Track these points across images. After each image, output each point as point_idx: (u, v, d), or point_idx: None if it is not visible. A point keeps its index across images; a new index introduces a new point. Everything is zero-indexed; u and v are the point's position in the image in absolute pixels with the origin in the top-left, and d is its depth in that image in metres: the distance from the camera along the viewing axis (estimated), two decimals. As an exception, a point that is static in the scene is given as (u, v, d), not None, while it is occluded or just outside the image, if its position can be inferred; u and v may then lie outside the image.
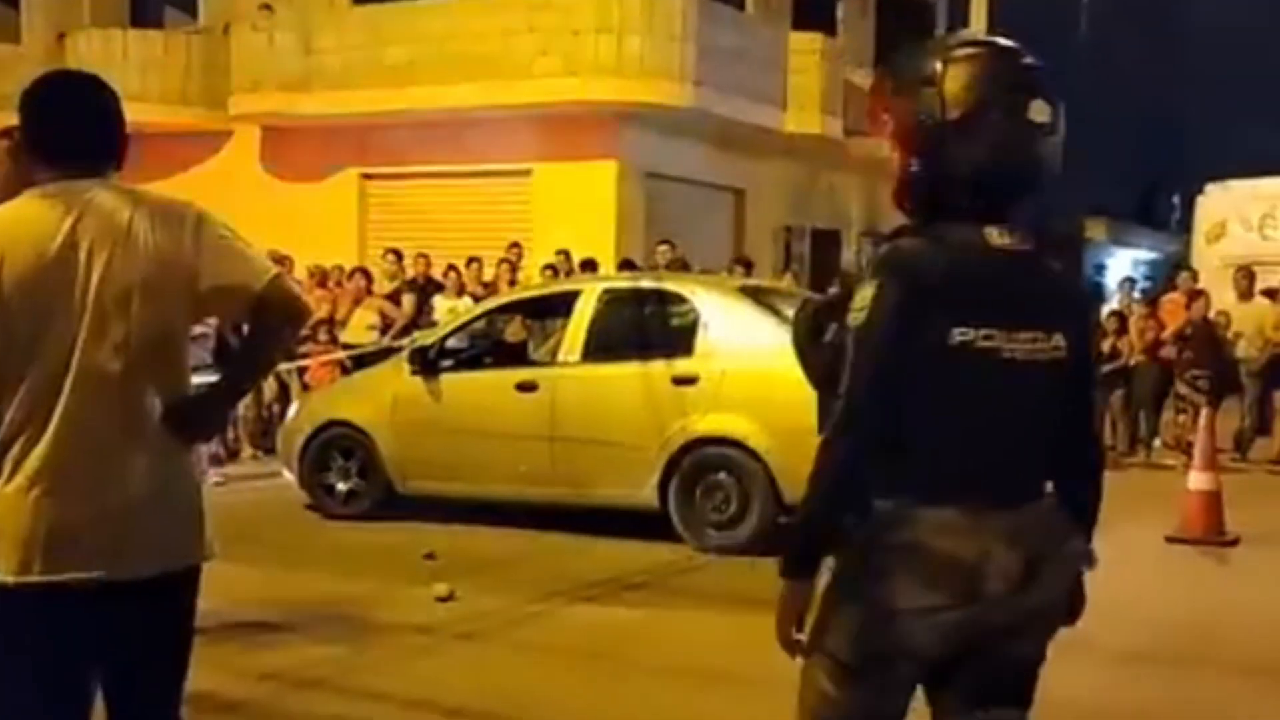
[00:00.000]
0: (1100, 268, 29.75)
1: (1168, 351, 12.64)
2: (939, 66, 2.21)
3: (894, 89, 2.27)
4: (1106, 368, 12.81)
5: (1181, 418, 12.18)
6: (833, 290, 2.34)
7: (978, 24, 15.68)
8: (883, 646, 2.18)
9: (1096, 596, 6.37)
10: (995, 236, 2.21)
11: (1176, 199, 32.22)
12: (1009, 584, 2.18)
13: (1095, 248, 30.28)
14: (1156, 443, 12.96)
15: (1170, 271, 16.27)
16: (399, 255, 12.75)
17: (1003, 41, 2.33)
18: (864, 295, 2.16)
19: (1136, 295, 14.04)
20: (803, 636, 2.26)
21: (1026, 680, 2.38)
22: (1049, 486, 2.34)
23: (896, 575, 2.17)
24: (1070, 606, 2.39)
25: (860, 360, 2.15)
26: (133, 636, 2.57)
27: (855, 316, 2.16)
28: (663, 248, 12.64)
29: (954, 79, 2.19)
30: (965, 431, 2.19)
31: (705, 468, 7.59)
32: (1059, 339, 2.25)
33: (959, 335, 2.15)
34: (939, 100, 2.19)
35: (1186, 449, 10.90)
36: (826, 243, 17.59)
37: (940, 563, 2.15)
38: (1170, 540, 8.11)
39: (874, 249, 2.29)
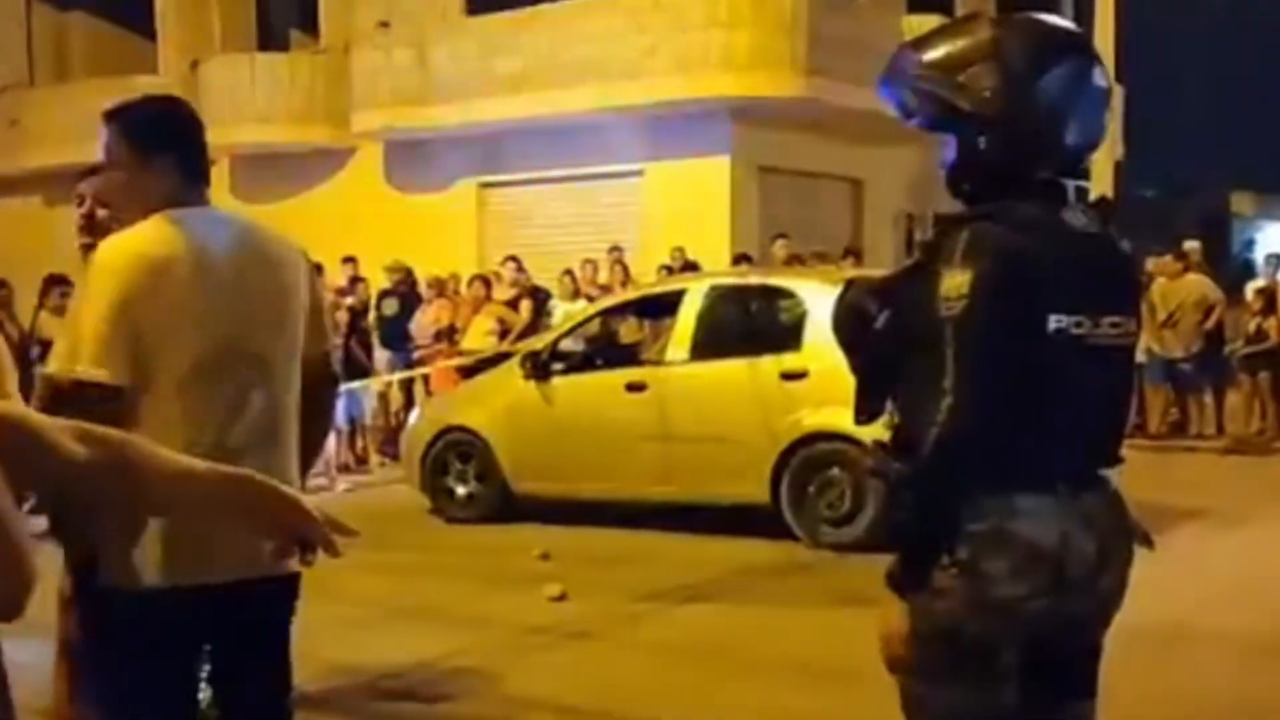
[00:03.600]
0: (1249, 243, 28.39)
1: (1320, 331, 12.00)
2: (989, 40, 2.15)
3: (941, 67, 2.18)
4: (1252, 349, 12.24)
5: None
6: (883, 272, 2.26)
7: (1103, -3, 15.15)
8: (974, 641, 2.12)
9: (1235, 583, 6.19)
10: (1074, 219, 2.17)
11: (1332, 167, 30.59)
12: (1087, 569, 2.15)
13: (1242, 223, 28.93)
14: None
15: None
16: (518, 262, 12.87)
17: (1043, 14, 2.27)
18: (958, 284, 2.07)
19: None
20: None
21: (1094, 669, 2.32)
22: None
23: (979, 567, 2.11)
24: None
25: (964, 352, 2.06)
26: (243, 634, 2.67)
27: (952, 305, 2.06)
28: (780, 242, 12.51)
29: (1011, 51, 2.13)
30: (1049, 418, 2.14)
31: (817, 463, 7.50)
32: (1132, 324, 2.23)
33: (1055, 322, 2.08)
34: (1000, 74, 2.12)
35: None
36: (951, 229, 17.14)
37: (1025, 551, 2.11)
38: (1318, 528, 7.70)
39: (938, 233, 2.19)
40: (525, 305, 12.09)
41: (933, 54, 2.21)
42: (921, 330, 2.10)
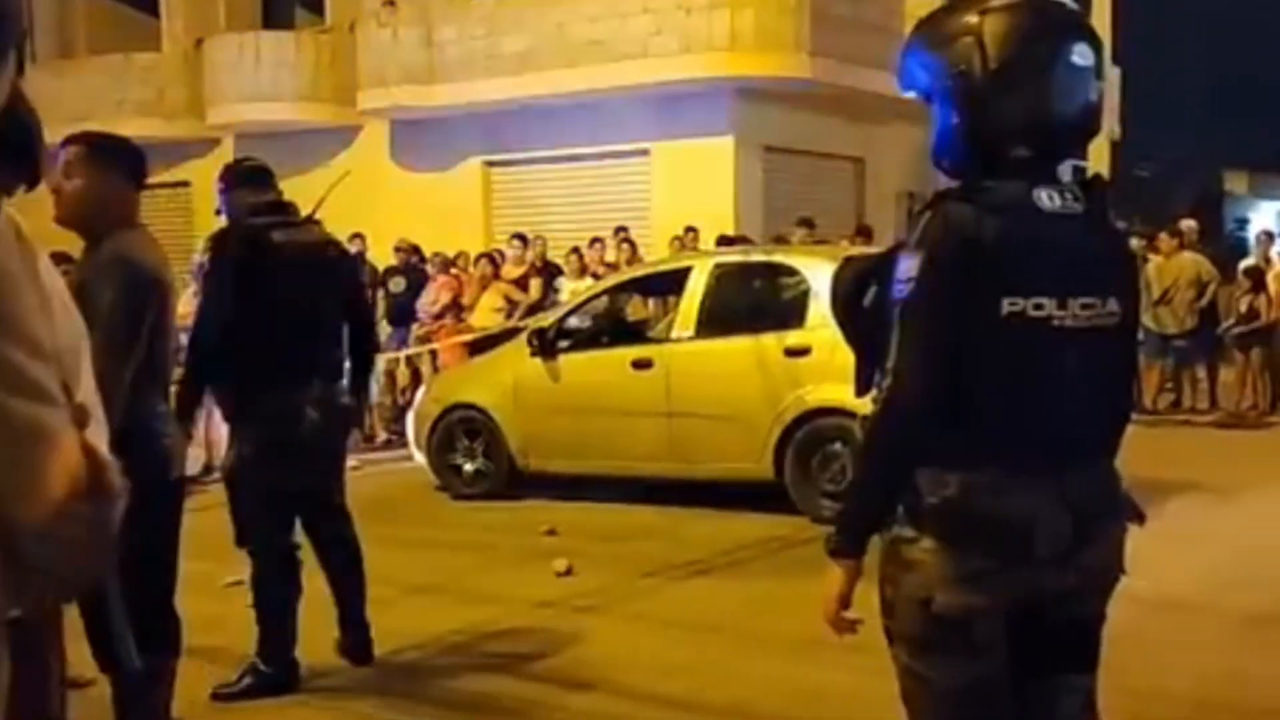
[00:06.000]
0: (1242, 222, 28.40)
1: (1312, 307, 12.12)
2: (976, 18, 2.16)
3: (930, 44, 2.23)
4: (1243, 328, 12.36)
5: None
6: (874, 249, 2.34)
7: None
8: (944, 612, 2.16)
9: (1227, 555, 6.29)
10: (1046, 200, 2.16)
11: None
12: (1060, 545, 2.17)
13: (1235, 201, 28.90)
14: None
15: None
16: (524, 240, 12.94)
17: None
18: (908, 267, 2.12)
19: (1277, 250, 13.38)
20: (851, 615, 2.27)
21: (1089, 643, 2.34)
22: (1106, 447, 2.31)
23: (945, 541, 2.16)
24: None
25: (908, 336, 2.12)
26: None
27: (901, 289, 2.13)
28: (801, 231, 12.47)
29: (992, 28, 2.14)
30: (1014, 399, 2.16)
31: (820, 439, 7.57)
32: (1114, 304, 2.21)
33: (1009, 306, 2.10)
34: (978, 51, 2.14)
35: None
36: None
37: (988, 525, 2.14)
38: (1310, 501, 7.82)
39: (916, 213, 2.24)
40: (535, 283, 12.16)
41: (929, 28, 2.25)
42: (891, 310, 2.16)
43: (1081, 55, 2.16)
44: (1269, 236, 13.38)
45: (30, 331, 1.11)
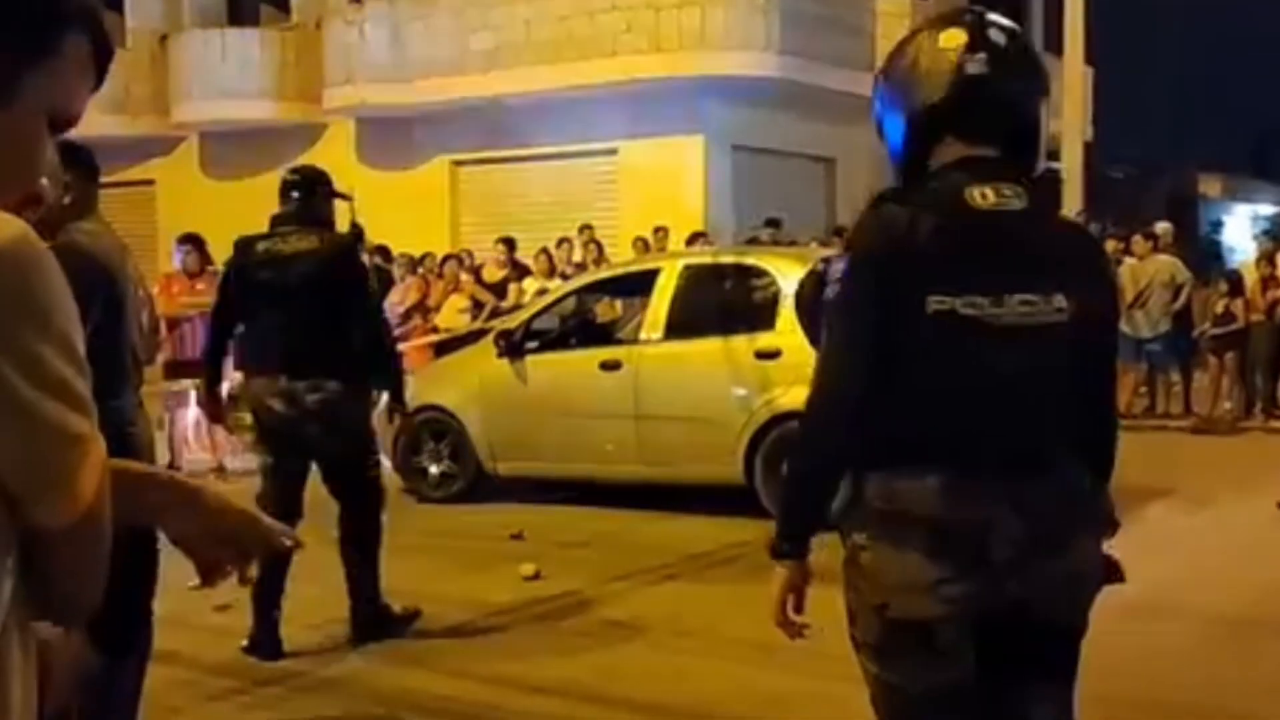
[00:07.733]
0: (1217, 225, 28.63)
1: (1286, 311, 12.17)
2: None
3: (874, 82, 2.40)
4: (1219, 330, 12.39)
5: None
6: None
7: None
8: (903, 619, 2.14)
9: (1202, 561, 6.31)
10: (979, 198, 2.14)
11: (1299, 149, 30.92)
12: (1017, 550, 2.12)
13: (1210, 205, 29.11)
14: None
15: (1290, 226, 15.52)
16: (511, 244, 12.74)
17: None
18: (839, 268, 2.18)
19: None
20: (799, 618, 2.26)
21: (1065, 653, 2.29)
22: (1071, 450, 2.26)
23: (899, 548, 2.13)
24: (1105, 572, 2.28)
25: (835, 334, 2.16)
26: None
27: (832, 288, 2.18)
28: (769, 231, 12.40)
29: (892, 51, 2.30)
30: (953, 400, 2.14)
31: (791, 442, 7.48)
32: (1059, 300, 2.14)
33: (935, 304, 2.08)
34: (885, 71, 2.29)
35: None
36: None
37: (937, 531, 2.11)
38: (1283, 506, 7.81)
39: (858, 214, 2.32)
40: (514, 288, 12.02)
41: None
42: None
43: (950, 38, 2.18)
44: (1272, 238, 13.34)
45: (63, 330, 1.11)
